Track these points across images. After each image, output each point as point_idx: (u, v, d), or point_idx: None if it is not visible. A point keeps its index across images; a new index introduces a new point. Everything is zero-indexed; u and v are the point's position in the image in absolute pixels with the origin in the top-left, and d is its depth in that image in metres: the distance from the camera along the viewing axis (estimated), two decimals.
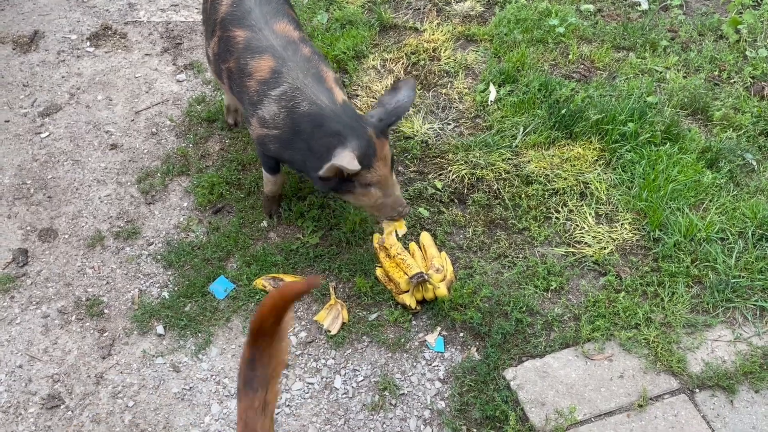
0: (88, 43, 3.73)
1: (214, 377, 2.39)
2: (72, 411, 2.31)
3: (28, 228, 2.86)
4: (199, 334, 2.50)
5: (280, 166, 2.66)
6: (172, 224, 2.87)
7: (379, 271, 2.60)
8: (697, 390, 2.31)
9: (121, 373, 2.41)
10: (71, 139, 3.22)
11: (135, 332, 2.52)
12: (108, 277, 2.69)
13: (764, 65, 3.46)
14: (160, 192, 3.00)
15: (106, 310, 2.59)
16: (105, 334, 2.52)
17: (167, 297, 2.61)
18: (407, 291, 2.52)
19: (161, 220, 2.89)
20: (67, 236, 2.83)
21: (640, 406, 2.26)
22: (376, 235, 2.65)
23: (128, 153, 3.16)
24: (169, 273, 2.70)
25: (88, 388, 2.37)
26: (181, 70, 3.58)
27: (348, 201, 2.52)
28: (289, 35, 2.42)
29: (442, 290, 2.50)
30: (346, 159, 2.19)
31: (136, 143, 3.21)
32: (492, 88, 3.34)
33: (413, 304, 2.51)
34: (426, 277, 2.46)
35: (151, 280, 2.68)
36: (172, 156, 3.14)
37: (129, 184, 3.03)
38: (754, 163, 3.02)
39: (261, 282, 2.61)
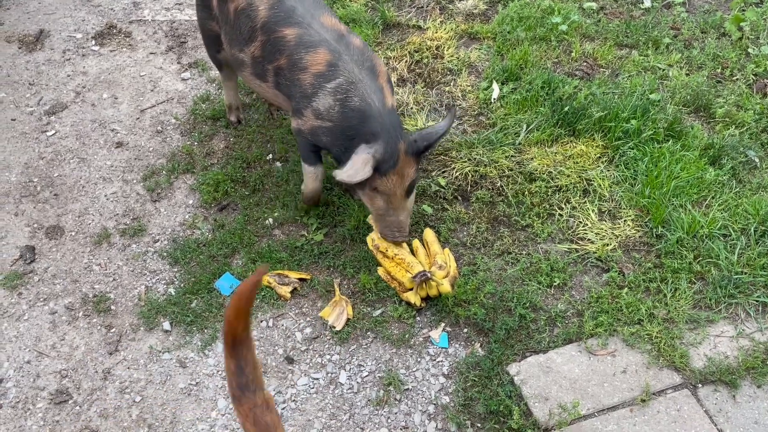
0: (94, 42, 3.76)
1: (220, 373, 2.41)
2: (80, 406, 2.34)
3: (35, 225, 2.88)
4: (206, 330, 2.53)
5: (321, 156, 2.69)
6: (178, 221, 2.89)
7: (381, 270, 2.62)
8: (700, 385, 2.32)
9: (128, 368, 2.43)
10: (77, 137, 3.24)
11: (142, 328, 2.54)
12: (114, 273, 2.72)
13: (767, 63, 3.47)
14: (165, 189, 3.02)
15: (112, 307, 2.61)
16: (112, 330, 2.54)
17: (173, 293, 2.63)
18: (411, 289, 2.53)
19: (167, 217, 2.91)
20: (73, 233, 2.86)
21: (643, 401, 2.27)
22: (370, 236, 2.66)
23: (134, 151, 3.18)
24: (175, 270, 2.72)
25: (95, 384, 2.39)
26: (186, 69, 3.60)
27: (358, 194, 2.56)
28: (338, 28, 2.47)
29: (446, 287, 2.51)
30: (355, 167, 2.28)
31: (142, 141, 3.23)
32: (495, 86, 3.36)
33: (418, 302, 2.53)
34: (429, 275, 2.47)
35: (158, 277, 2.70)
36: (177, 154, 3.16)
37: (135, 181, 3.05)
38: (757, 160, 3.03)
39: (266, 278, 2.63)
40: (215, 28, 2.77)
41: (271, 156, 3.13)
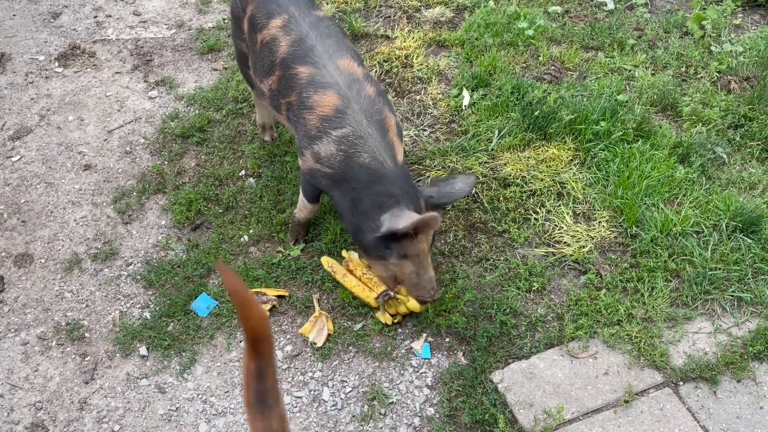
0: (57, 64, 3.69)
1: (200, 396, 2.37)
2: None
3: (3, 254, 2.81)
4: (184, 354, 2.48)
5: (320, 197, 2.62)
6: (151, 243, 2.84)
7: (341, 290, 2.60)
8: (681, 383, 2.34)
9: (106, 397, 2.38)
10: (43, 162, 3.17)
11: (118, 355, 2.48)
12: (87, 300, 2.65)
13: (729, 59, 3.54)
14: (136, 211, 2.96)
15: (86, 334, 2.55)
16: (87, 359, 2.48)
17: (149, 317, 2.58)
18: (378, 308, 2.52)
19: (139, 239, 2.86)
20: (43, 260, 2.79)
21: (626, 401, 2.28)
22: (325, 259, 2.63)
23: (102, 173, 3.12)
24: (150, 293, 2.67)
25: (72, 414, 2.33)
26: (153, 87, 3.55)
27: (373, 268, 2.43)
28: (353, 72, 2.37)
29: (413, 303, 2.48)
30: (412, 218, 2.15)
31: (110, 163, 3.17)
32: (465, 93, 3.37)
33: (388, 320, 2.52)
34: (392, 293, 2.46)
35: (132, 301, 2.65)
36: (147, 174, 3.10)
37: (105, 204, 2.99)
38: (725, 156, 3.08)
39: None
40: (245, 49, 2.71)
41: (243, 172, 3.09)
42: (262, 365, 1.19)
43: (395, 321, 2.53)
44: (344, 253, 2.66)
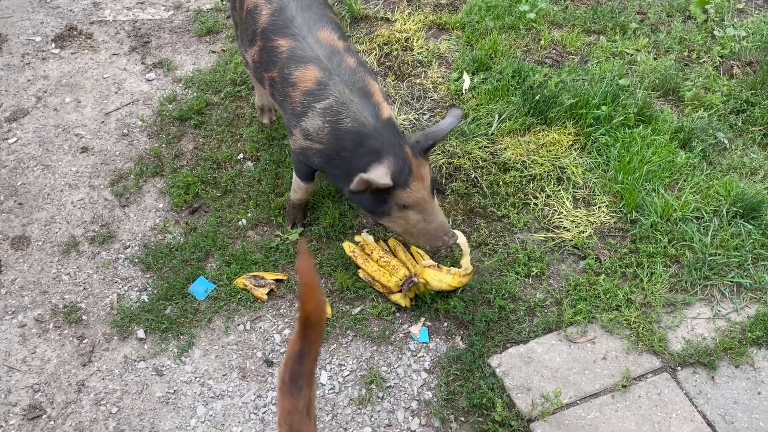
0: (53, 45, 3.65)
1: (198, 379, 2.37)
2: (54, 420, 2.27)
3: (0, 236, 2.79)
4: (181, 337, 2.47)
5: (315, 175, 2.60)
6: (148, 226, 2.83)
7: (362, 273, 2.59)
8: (679, 368, 2.34)
9: (103, 379, 2.37)
10: (40, 144, 3.15)
11: (115, 337, 2.48)
12: (85, 282, 2.65)
13: (732, 44, 3.50)
14: (134, 194, 2.95)
15: (84, 317, 2.54)
16: (84, 341, 2.48)
17: (146, 300, 2.57)
18: (399, 291, 2.51)
19: (137, 222, 2.84)
20: (40, 243, 2.78)
21: (624, 386, 2.28)
22: (347, 244, 2.62)
23: (100, 156, 3.10)
24: (148, 276, 2.66)
25: (69, 397, 2.33)
26: (150, 69, 3.52)
27: (389, 226, 2.44)
28: (334, 44, 2.35)
29: (437, 284, 2.45)
30: (377, 173, 2.16)
31: (108, 145, 3.15)
32: (466, 77, 3.34)
33: (408, 304, 2.51)
34: (416, 280, 2.45)
35: (129, 284, 2.64)
36: (145, 157, 3.08)
37: (102, 187, 2.98)
38: (726, 142, 3.06)
39: (242, 281, 2.58)
40: (239, 21, 2.68)
41: (241, 155, 3.07)
42: (305, 349, 1.22)
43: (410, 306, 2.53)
44: (358, 237, 2.64)
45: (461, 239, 2.49)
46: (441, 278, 2.43)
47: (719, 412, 2.22)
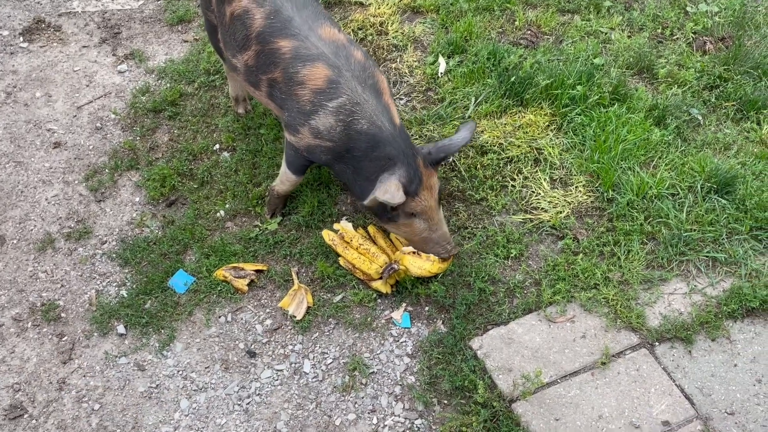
0: (22, 39, 3.58)
1: (180, 373, 2.36)
2: (36, 419, 2.26)
3: None
4: (162, 331, 2.46)
5: (307, 169, 2.59)
6: (125, 221, 2.80)
7: (342, 261, 2.59)
8: (657, 343, 2.38)
9: (84, 376, 2.36)
10: (11, 140, 3.10)
11: (95, 334, 2.46)
12: (62, 279, 2.62)
13: (705, 20, 3.52)
14: (109, 189, 2.91)
15: (63, 314, 2.52)
16: (64, 339, 2.46)
17: (126, 295, 2.55)
18: (380, 278, 2.51)
19: (113, 217, 2.81)
20: (15, 241, 2.74)
21: (603, 363, 2.31)
22: (326, 232, 2.61)
23: (73, 150, 3.06)
24: (126, 271, 2.64)
25: (51, 395, 2.32)
26: (122, 61, 3.46)
27: (392, 231, 2.48)
28: (336, 39, 2.33)
29: (416, 270, 2.47)
30: (391, 190, 2.19)
31: (81, 140, 3.10)
32: (441, 60, 3.33)
33: (388, 290, 2.52)
34: (396, 267, 2.45)
35: (108, 280, 2.62)
36: (119, 150, 3.05)
37: (76, 182, 2.94)
38: (700, 118, 3.08)
39: (222, 273, 2.57)
40: (214, 20, 2.63)
41: (217, 146, 3.05)
42: None
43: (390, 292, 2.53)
44: (336, 225, 2.64)
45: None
46: (420, 265, 2.44)
47: (697, 386, 2.27)
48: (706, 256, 2.60)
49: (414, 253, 2.47)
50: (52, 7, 3.76)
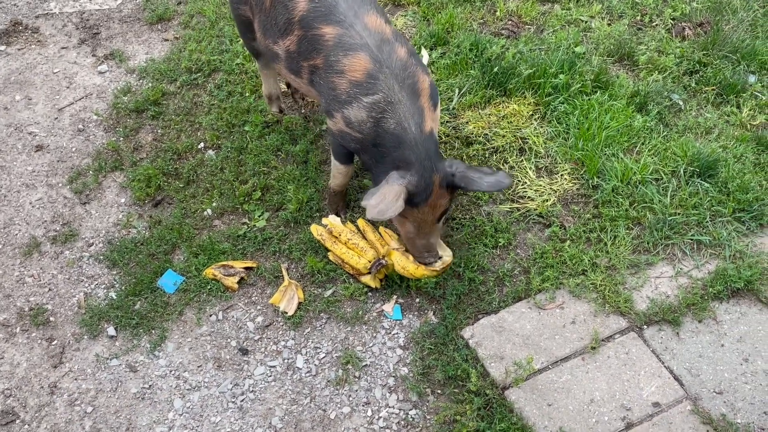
0: None
1: (173, 372, 2.36)
2: (28, 425, 2.25)
3: None
4: (153, 331, 2.45)
5: (353, 156, 2.55)
6: (111, 222, 2.78)
7: (331, 255, 2.59)
8: (645, 326, 2.41)
9: (76, 379, 2.35)
10: None
11: (85, 337, 2.45)
12: (50, 283, 2.60)
13: (683, 6, 3.55)
14: (94, 190, 2.89)
15: (51, 318, 2.50)
16: (54, 343, 2.44)
17: (115, 297, 2.54)
18: (369, 273, 2.52)
19: (99, 219, 2.79)
20: (0, 246, 2.71)
21: (593, 348, 2.34)
22: (314, 227, 2.62)
23: (56, 153, 3.03)
24: (114, 272, 2.62)
25: (42, 400, 2.30)
26: (102, 61, 3.43)
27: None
28: (382, 31, 2.27)
29: (398, 267, 2.48)
30: (388, 199, 2.14)
31: (63, 142, 3.07)
32: (424, 52, 3.33)
33: (377, 285, 2.52)
34: (384, 262, 2.46)
35: (96, 282, 2.60)
36: (102, 152, 3.02)
37: (60, 185, 2.91)
38: (681, 103, 3.12)
39: (211, 271, 2.56)
40: (248, 13, 2.56)
41: (202, 144, 3.03)
42: None
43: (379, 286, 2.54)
44: (325, 220, 2.64)
45: (447, 259, 2.49)
46: (405, 265, 2.45)
47: (685, 367, 2.30)
48: (691, 239, 2.63)
49: (402, 250, 2.48)
50: (29, 9, 3.71)
